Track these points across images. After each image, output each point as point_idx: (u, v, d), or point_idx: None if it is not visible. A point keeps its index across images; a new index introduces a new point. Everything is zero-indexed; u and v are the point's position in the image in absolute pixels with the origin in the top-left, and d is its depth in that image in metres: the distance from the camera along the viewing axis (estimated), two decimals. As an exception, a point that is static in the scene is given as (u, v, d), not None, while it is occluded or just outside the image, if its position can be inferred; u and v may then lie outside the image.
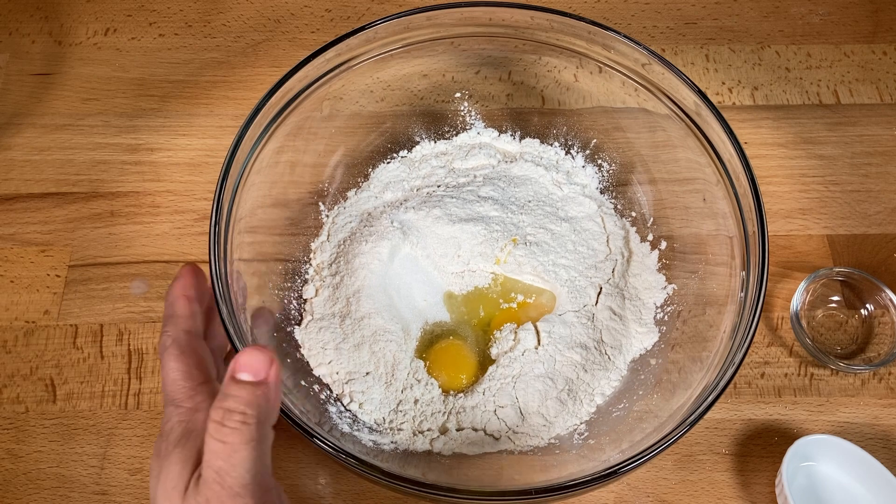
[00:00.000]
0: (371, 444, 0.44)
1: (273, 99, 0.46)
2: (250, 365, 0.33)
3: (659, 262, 0.51)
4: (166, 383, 0.36)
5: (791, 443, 0.44)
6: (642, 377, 0.47)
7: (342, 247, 0.52)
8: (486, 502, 0.37)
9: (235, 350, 0.39)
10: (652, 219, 0.53)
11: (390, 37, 0.50)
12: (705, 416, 0.38)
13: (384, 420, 0.46)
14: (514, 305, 0.50)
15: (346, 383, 0.46)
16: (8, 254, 0.55)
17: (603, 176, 0.55)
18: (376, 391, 0.46)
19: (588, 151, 0.56)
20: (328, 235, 0.53)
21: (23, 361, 0.51)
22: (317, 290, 0.50)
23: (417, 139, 0.57)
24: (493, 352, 0.48)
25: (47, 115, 0.60)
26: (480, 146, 0.56)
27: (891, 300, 0.51)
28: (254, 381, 0.33)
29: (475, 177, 0.55)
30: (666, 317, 0.49)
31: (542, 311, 0.50)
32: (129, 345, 0.51)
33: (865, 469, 0.45)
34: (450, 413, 0.46)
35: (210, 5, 0.66)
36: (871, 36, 0.64)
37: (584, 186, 0.55)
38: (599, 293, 0.50)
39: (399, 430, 0.45)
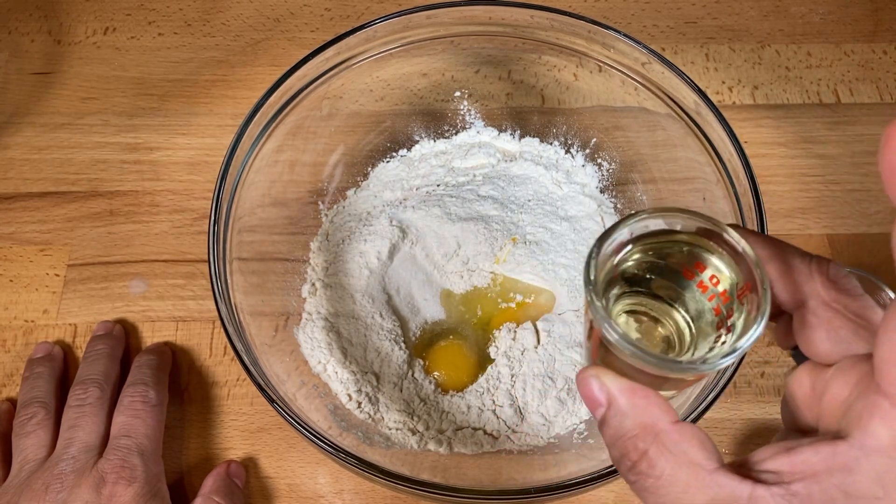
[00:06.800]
0: (370, 442, 0.44)
1: (272, 98, 0.46)
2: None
3: (659, 261, 0.51)
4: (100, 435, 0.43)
5: (791, 442, 0.44)
6: (642, 376, 0.47)
7: (341, 246, 0.52)
8: (486, 502, 0.37)
9: (239, 359, 0.39)
10: (652, 218, 0.53)
11: (390, 35, 0.50)
12: (705, 416, 0.38)
13: (383, 419, 0.46)
14: (514, 305, 0.50)
15: (345, 383, 0.46)
16: (7, 253, 0.55)
17: (603, 175, 0.55)
18: (375, 390, 0.46)
19: (588, 150, 0.56)
20: (327, 234, 0.53)
21: (22, 361, 0.50)
22: (316, 290, 0.50)
23: (417, 138, 0.57)
24: (493, 351, 0.48)
25: (46, 114, 0.60)
26: (480, 145, 0.56)
27: (891, 300, 0.51)
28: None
29: (475, 176, 0.55)
30: (666, 316, 0.49)
31: (541, 310, 0.50)
32: (127, 344, 0.51)
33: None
34: (449, 412, 0.46)
35: (209, 4, 0.66)
36: (871, 35, 0.64)
37: (584, 185, 0.55)
38: (599, 292, 0.50)
39: (398, 429, 0.45)
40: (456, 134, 0.57)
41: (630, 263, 0.24)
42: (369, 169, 0.56)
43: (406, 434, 0.45)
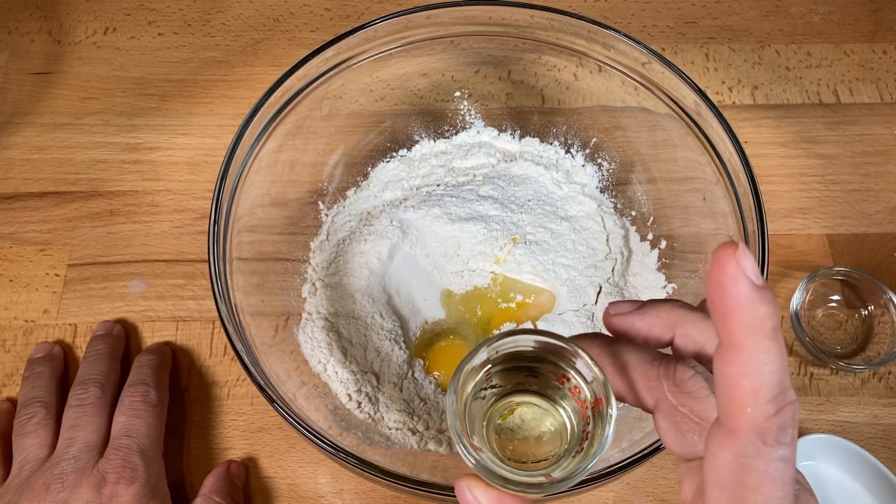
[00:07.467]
0: (370, 442, 0.44)
1: (272, 98, 0.46)
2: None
3: (659, 261, 0.51)
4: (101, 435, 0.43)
5: (791, 442, 0.44)
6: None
7: (341, 246, 0.52)
8: (486, 502, 0.37)
9: (239, 359, 0.39)
10: (652, 218, 0.53)
11: (390, 35, 0.50)
12: (705, 416, 0.38)
13: (383, 419, 0.46)
14: (514, 305, 0.50)
15: (345, 383, 0.46)
16: (7, 253, 0.55)
17: (603, 175, 0.55)
18: (375, 390, 0.46)
19: (588, 150, 0.56)
20: (327, 234, 0.53)
21: (22, 361, 0.50)
22: (316, 290, 0.50)
23: (417, 138, 0.57)
24: (493, 351, 0.48)
25: (46, 114, 0.60)
26: (480, 145, 0.56)
27: (891, 299, 0.51)
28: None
29: (475, 176, 0.55)
30: (666, 316, 0.49)
31: (541, 310, 0.50)
32: (127, 344, 0.51)
33: (865, 469, 0.45)
34: (449, 412, 0.46)
35: (209, 4, 0.66)
36: (871, 35, 0.64)
37: (584, 185, 0.55)
38: (599, 292, 0.50)
39: (398, 429, 0.45)
40: (456, 134, 0.57)
41: (504, 372, 0.26)
42: (369, 169, 0.56)
43: (406, 434, 0.45)
